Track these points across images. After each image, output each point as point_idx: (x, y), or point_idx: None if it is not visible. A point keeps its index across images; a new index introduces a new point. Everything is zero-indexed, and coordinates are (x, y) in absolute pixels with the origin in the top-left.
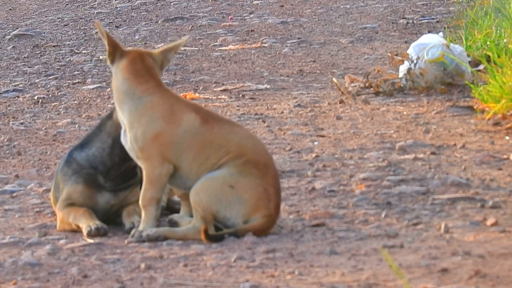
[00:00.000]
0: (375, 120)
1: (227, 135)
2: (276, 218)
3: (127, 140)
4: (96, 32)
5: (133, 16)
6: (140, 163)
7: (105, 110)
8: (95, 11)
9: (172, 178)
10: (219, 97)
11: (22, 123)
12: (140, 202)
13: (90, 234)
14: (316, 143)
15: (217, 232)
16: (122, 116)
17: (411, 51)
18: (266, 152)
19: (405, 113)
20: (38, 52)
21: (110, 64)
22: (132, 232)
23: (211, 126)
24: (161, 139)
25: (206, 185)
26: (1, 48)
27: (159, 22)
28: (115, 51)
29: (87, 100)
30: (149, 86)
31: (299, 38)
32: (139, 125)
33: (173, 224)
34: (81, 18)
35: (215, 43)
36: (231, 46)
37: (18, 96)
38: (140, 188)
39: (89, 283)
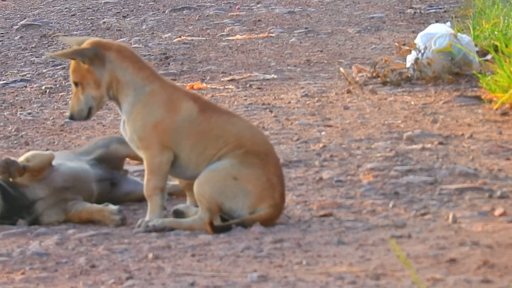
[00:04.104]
0: (383, 110)
1: (225, 125)
2: (282, 206)
3: (126, 132)
4: (104, 22)
5: (140, 6)
6: (140, 153)
7: None
8: (102, 1)
9: (171, 168)
10: (226, 87)
11: (29, 113)
12: (144, 192)
13: (119, 225)
14: (323, 133)
15: (224, 223)
16: (122, 109)
17: (419, 40)
18: (266, 142)
19: (412, 103)
20: (45, 42)
21: (94, 65)
22: (139, 222)
23: (208, 116)
24: (160, 127)
25: (210, 177)
26: (9, 38)
27: (166, 12)
28: (96, 50)
29: None
30: (148, 74)
31: (306, 28)
32: (140, 115)
33: (179, 214)
34: (88, 8)
35: (222, 33)
36: (238, 36)
37: (25, 86)
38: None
39: (96, 273)
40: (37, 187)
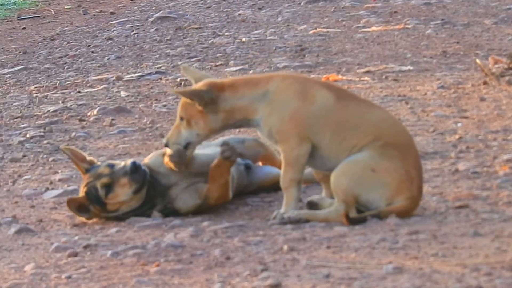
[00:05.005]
0: None
1: (364, 114)
2: (419, 199)
3: (262, 130)
4: (239, 14)
5: None
6: (277, 146)
7: None
8: None
9: (312, 159)
10: (362, 78)
11: (164, 105)
12: (280, 184)
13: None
14: (459, 124)
15: (359, 214)
16: (257, 120)
17: None
18: (405, 133)
19: None
20: (180, 34)
21: (208, 108)
22: (274, 214)
23: (346, 104)
24: (297, 118)
25: (347, 169)
26: (144, 30)
27: (301, 3)
28: (212, 94)
29: None
30: (263, 81)
31: (442, 19)
32: (274, 110)
33: (313, 206)
34: (223, 0)
35: (358, 25)
36: (374, 28)
37: (160, 79)
38: None
39: (231, 264)
40: (171, 174)
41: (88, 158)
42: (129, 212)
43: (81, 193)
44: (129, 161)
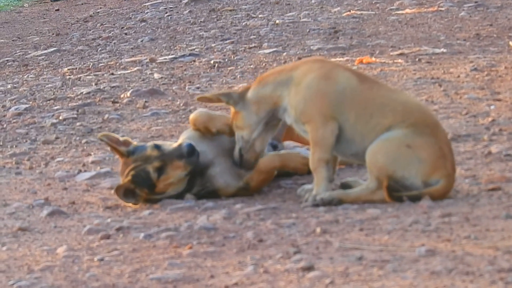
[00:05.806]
0: None
1: (390, 94)
2: (454, 177)
3: (291, 116)
4: None
5: None
6: (305, 128)
7: None
8: None
9: (337, 143)
10: (395, 61)
11: (198, 88)
12: (310, 165)
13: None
14: (492, 107)
15: (400, 193)
16: (284, 105)
17: None
18: (432, 113)
19: None
20: (214, 16)
21: (238, 105)
22: (306, 196)
23: (370, 85)
24: (320, 97)
25: (383, 146)
26: (178, 12)
27: None
28: (241, 92)
29: (263, 64)
30: (286, 69)
31: (476, 2)
32: (298, 93)
33: (346, 187)
34: None
35: (391, 7)
36: (407, 10)
37: (194, 61)
38: None
39: (264, 247)
40: (207, 151)
41: (122, 138)
42: (175, 195)
43: (126, 177)
44: (183, 144)
